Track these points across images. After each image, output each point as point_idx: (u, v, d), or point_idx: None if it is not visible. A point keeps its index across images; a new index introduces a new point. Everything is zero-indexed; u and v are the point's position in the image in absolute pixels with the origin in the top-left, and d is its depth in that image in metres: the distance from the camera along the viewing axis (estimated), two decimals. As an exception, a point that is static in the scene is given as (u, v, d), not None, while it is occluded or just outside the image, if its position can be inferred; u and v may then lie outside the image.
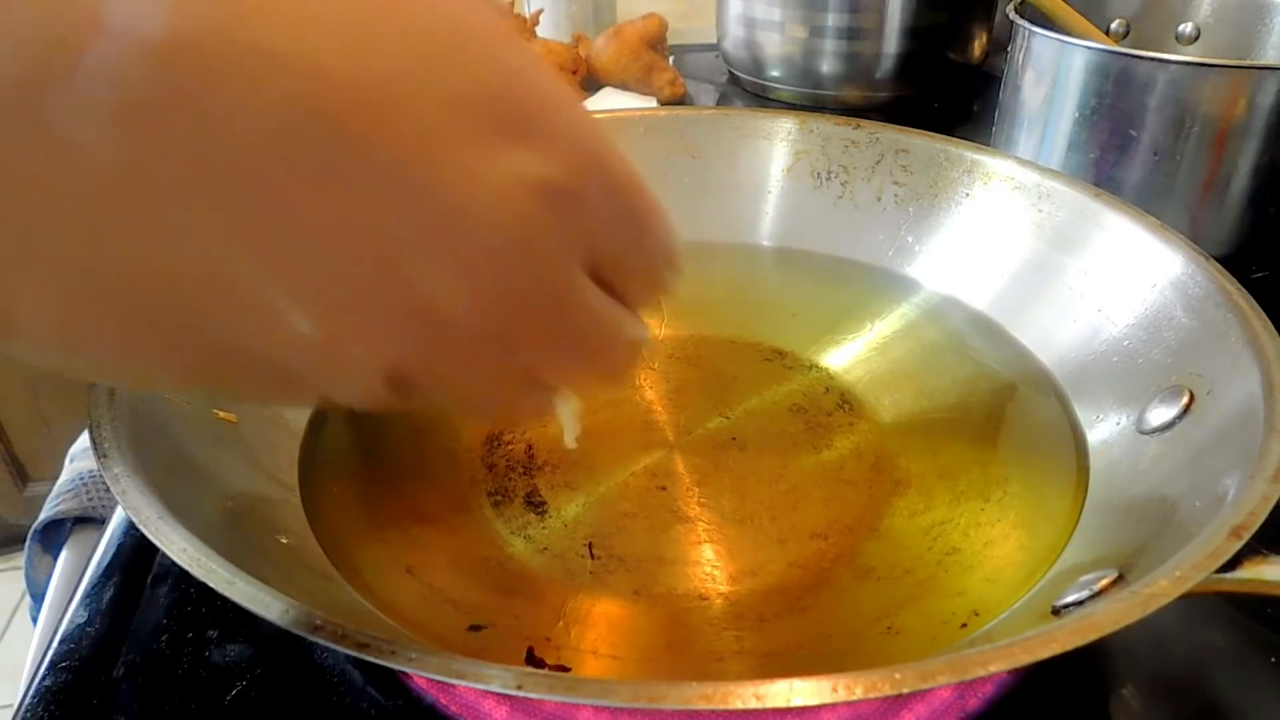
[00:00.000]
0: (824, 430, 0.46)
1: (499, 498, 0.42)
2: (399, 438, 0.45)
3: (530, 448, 0.44)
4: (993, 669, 0.24)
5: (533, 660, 0.34)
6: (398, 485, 0.43)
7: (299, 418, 0.45)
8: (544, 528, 0.40)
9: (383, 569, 0.38)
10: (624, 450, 0.44)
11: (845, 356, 0.51)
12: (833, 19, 0.90)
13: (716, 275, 0.59)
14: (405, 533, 0.40)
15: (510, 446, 0.44)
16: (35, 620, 0.73)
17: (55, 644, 0.39)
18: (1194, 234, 0.47)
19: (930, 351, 0.52)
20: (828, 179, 0.60)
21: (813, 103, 0.95)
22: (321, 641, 0.26)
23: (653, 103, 0.95)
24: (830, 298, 0.56)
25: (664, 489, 0.42)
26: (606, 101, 0.95)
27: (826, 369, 0.50)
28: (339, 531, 0.40)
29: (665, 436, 0.45)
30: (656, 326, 0.54)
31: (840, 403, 0.48)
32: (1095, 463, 0.43)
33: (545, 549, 0.39)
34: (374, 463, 0.44)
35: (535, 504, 0.41)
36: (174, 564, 0.28)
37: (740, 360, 0.51)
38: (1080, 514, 0.40)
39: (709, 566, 0.38)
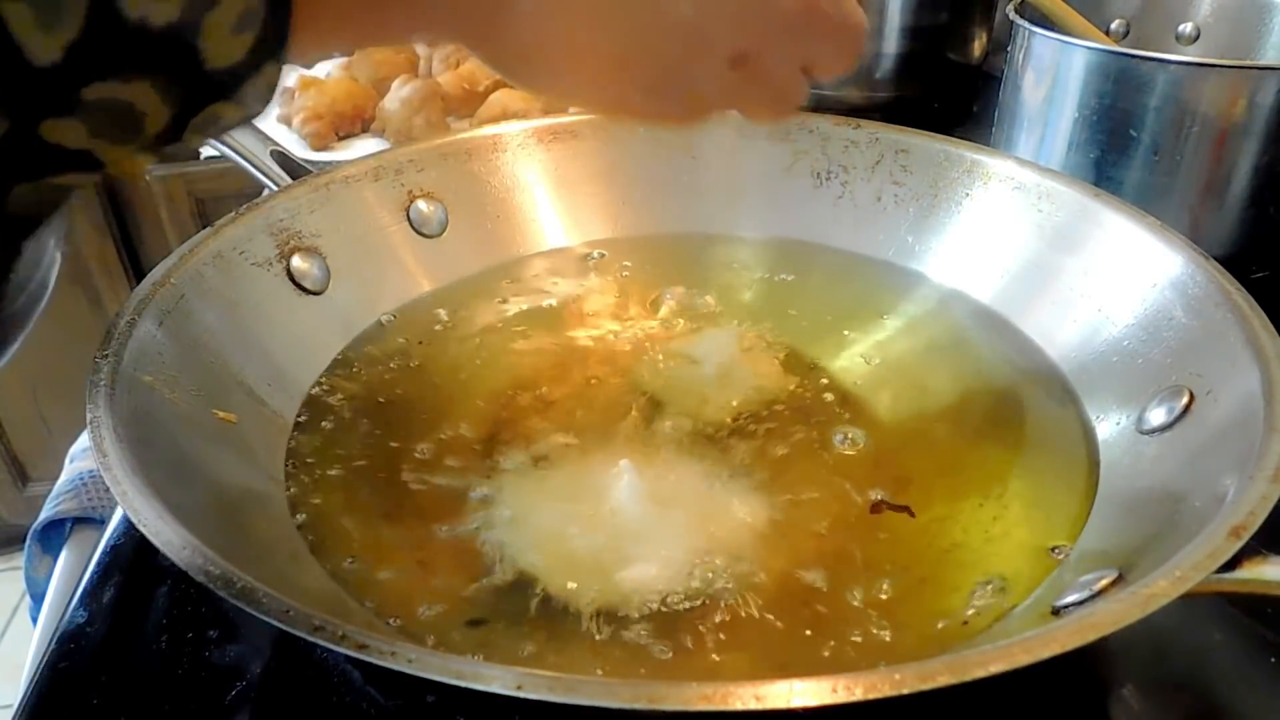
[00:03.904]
0: (824, 427, 0.46)
1: (498, 494, 0.42)
2: (398, 436, 0.45)
3: (530, 444, 0.44)
4: (993, 669, 0.24)
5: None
6: (397, 484, 0.43)
7: (295, 417, 0.46)
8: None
9: (381, 567, 0.38)
10: (624, 447, 0.44)
11: (845, 353, 0.51)
12: (833, 19, 0.90)
13: (717, 273, 0.59)
14: (405, 531, 0.40)
15: (509, 443, 0.44)
16: (35, 620, 0.73)
17: (55, 644, 0.39)
18: (1194, 234, 0.47)
19: (929, 349, 0.52)
20: (828, 179, 0.60)
21: (813, 103, 0.94)
22: (321, 642, 0.26)
23: (653, 103, 0.95)
24: (830, 296, 0.56)
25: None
26: (606, 101, 0.95)
27: (827, 366, 0.50)
28: (337, 531, 0.40)
29: (665, 433, 0.45)
30: (660, 322, 0.54)
31: (841, 400, 0.48)
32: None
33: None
34: (371, 461, 0.44)
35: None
36: (174, 564, 0.28)
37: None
38: (1089, 512, 0.40)
39: (709, 564, 0.38)
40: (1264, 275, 0.61)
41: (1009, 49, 0.70)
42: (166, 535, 0.29)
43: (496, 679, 0.24)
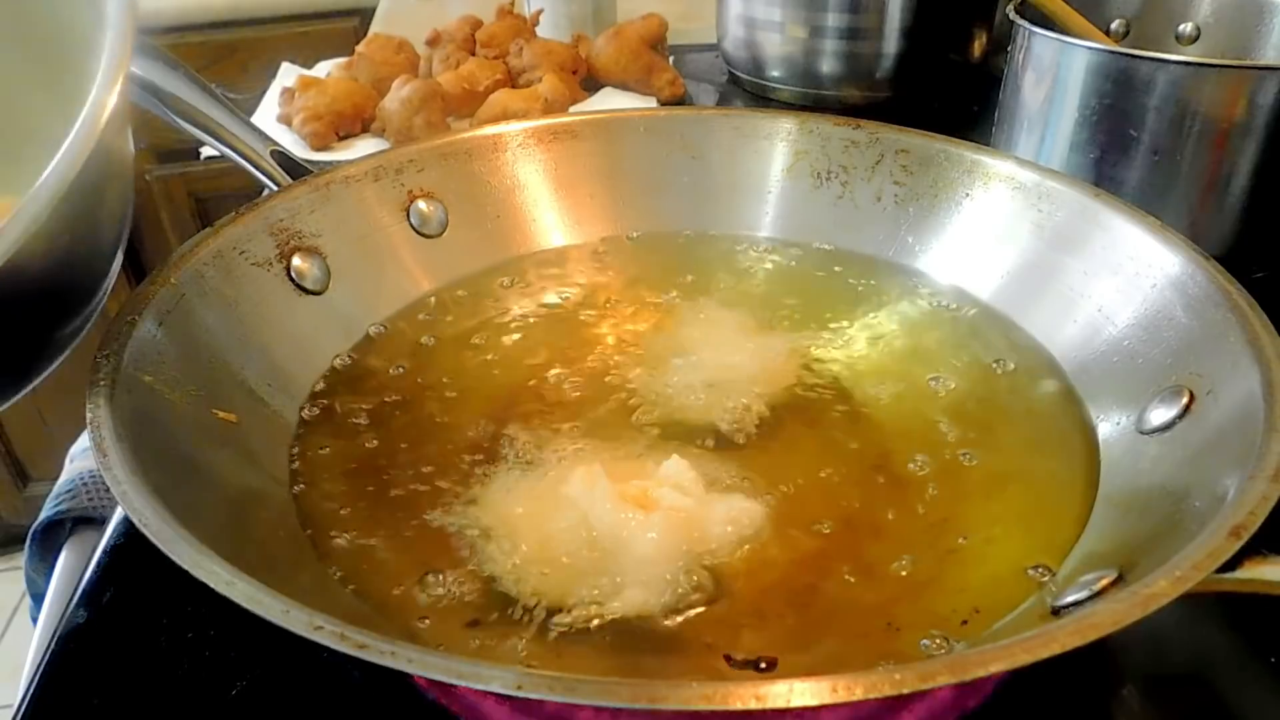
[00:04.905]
0: (825, 427, 0.46)
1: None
2: (397, 436, 0.45)
3: (529, 445, 0.44)
4: (993, 669, 0.24)
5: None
6: (397, 484, 0.43)
7: (296, 417, 0.46)
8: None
9: (380, 567, 0.38)
10: (623, 448, 0.44)
11: (845, 354, 0.51)
12: (833, 19, 0.90)
13: (716, 274, 0.59)
14: (404, 531, 0.40)
15: (508, 444, 0.44)
16: (35, 620, 0.73)
17: (55, 644, 0.39)
18: (1194, 234, 0.47)
19: (929, 350, 0.52)
20: (828, 179, 0.60)
21: (813, 103, 0.95)
22: (321, 641, 0.26)
23: (653, 103, 0.95)
24: (830, 296, 0.56)
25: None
26: (606, 101, 0.95)
27: (827, 366, 0.50)
28: (337, 530, 0.40)
29: (665, 432, 0.45)
30: (659, 323, 0.54)
31: (840, 400, 0.48)
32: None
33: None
34: (371, 462, 0.44)
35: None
36: (174, 564, 0.28)
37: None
38: (1090, 513, 0.40)
39: (709, 563, 0.38)
40: (1264, 275, 0.61)
41: (1009, 49, 0.70)
42: (166, 535, 0.29)
43: (496, 679, 0.24)
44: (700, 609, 0.36)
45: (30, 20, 0.39)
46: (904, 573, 0.38)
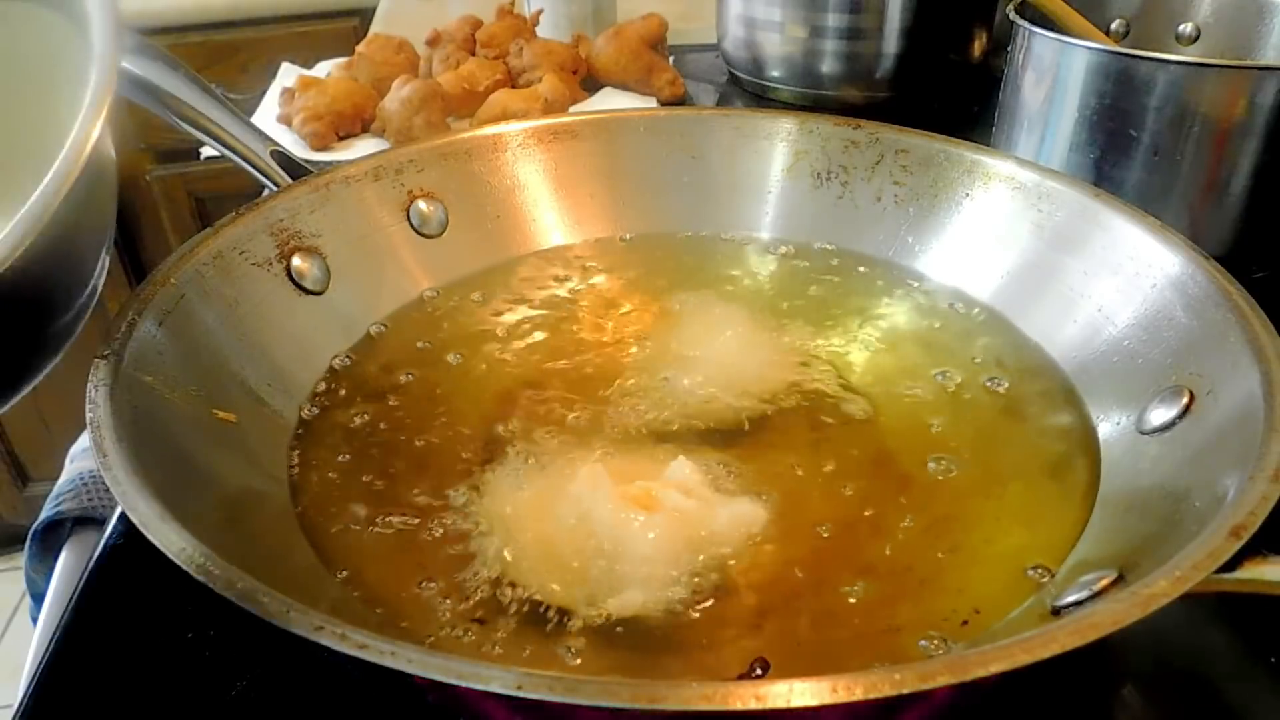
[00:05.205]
0: (825, 427, 0.46)
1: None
2: (398, 435, 0.45)
3: (529, 446, 0.44)
4: (993, 669, 0.24)
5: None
6: (396, 484, 0.43)
7: (296, 417, 0.46)
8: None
9: (381, 568, 0.38)
10: (623, 448, 0.44)
11: (845, 354, 0.51)
12: (833, 19, 0.90)
13: (716, 274, 0.59)
14: (404, 532, 0.40)
15: (508, 444, 0.44)
16: (35, 620, 0.73)
17: (55, 644, 0.39)
18: (1194, 234, 0.47)
19: (929, 350, 0.52)
20: (828, 179, 0.60)
21: (813, 103, 0.95)
22: (322, 641, 0.26)
23: (653, 103, 0.95)
24: (830, 296, 0.56)
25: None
26: (606, 101, 0.95)
27: (827, 366, 0.50)
28: (337, 530, 0.40)
29: (668, 433, 0.45)
30: (659, 322, 0.54)
31: (842, 400, 0.48)
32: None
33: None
34: (371, 462, 0.44)
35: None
36: (174, 564, 0.28)
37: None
38: (1090, 513, 0.40)
39: (711, 565, 0.38)
40: (1264, 275, 0.61)
41: (1009, 49, 0.70)
42: (166, 535, 0.29)
43: (496, 679, 0.24)
44: (701, 610, 0.36)
45: (18, 50, 0.39)
46: (904, 574, 0.38)
